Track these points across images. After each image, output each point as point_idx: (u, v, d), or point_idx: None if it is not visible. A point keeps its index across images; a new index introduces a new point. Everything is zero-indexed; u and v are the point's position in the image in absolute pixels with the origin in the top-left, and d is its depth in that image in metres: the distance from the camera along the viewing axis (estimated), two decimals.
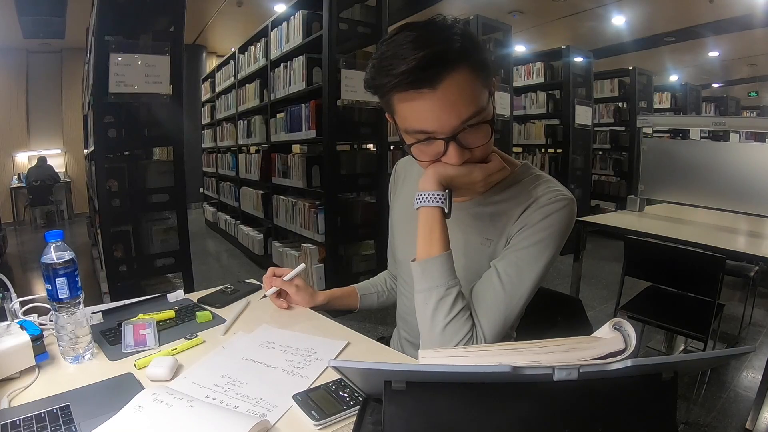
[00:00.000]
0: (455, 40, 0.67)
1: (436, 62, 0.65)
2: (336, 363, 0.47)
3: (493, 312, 0.77)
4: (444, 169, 0.75)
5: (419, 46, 0.65)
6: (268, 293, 1.04)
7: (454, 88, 0.67)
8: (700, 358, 0.49)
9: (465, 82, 0.68)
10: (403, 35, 0.68)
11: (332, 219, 3.09)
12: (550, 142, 5.03)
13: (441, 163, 0.75)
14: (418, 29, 0.68)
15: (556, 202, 0.79)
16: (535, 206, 0.79)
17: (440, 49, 0.66)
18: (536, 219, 0.78)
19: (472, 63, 0.68)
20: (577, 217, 0.84)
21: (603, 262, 4.16)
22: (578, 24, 6.81)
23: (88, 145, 3.56)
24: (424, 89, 0.67)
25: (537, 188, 0.82)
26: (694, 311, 1.91)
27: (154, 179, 2.44)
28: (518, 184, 0.84)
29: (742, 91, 10.97)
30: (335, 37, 2.89)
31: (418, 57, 0.65)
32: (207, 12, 6.64)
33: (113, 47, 2.05)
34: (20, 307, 0.87)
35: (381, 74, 0.69)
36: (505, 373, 0.41)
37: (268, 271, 1.06)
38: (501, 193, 0.84)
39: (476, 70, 0.69)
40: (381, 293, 1.13)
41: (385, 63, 0.68)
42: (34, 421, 0.61)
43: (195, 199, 7.36)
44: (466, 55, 0.67)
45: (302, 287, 1.04)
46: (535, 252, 0.78)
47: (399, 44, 0.67)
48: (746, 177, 2.26)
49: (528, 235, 0.78)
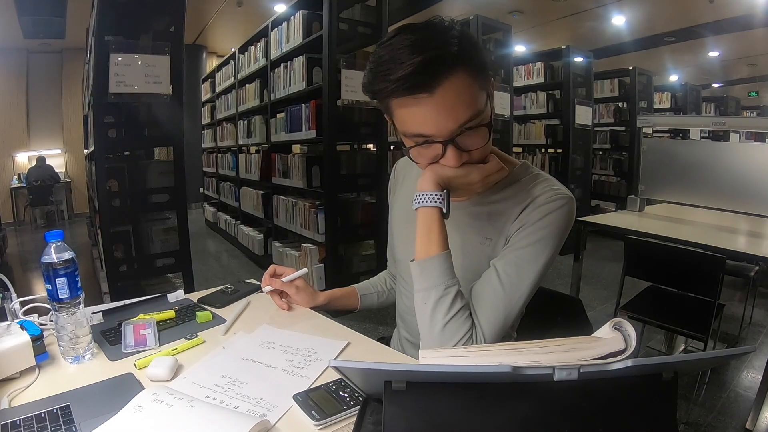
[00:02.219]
0: (452, 44, 0.67)
1: (433, 67, 0.65)
2: (336, 363, 0.47)
3: (493, 311, 0.77)
4: (442, 170, 0.75)
5: (416, 50, 0.65)
6: (264, 290, 1.05)
7: (451, 93, 0.67)
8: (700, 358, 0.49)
9: (462, 86, 0.68)
10: (400, 38, 0.67)
11: (332, 219, 3.09)
12: (550, 142, 5.03)
13: (439, 164, 0.75)
14: (415, 32, 0.68)
15: (555, 200, 0.79)
16: (534, 205, 0.80)
17: (437, 54, 0.65)
18: (535, 218, 0.79)
19: (469, 66, 0.68)
20: (577, 217, 0.84)
21: (603, 262, 4.16)
22: (578, 24, 6.81)
23: (88, 145, 3.56)
24: (421, 94, 0.67)
25: (536, 187, 0.82)
26: (694, 311, 1.91)
27: (154, 179, 2.44)
28: (517, 184, 0.84)
29: (742, 91, 10.97)
30: (335, 37, 2.89)
31: (415, 62, 0.65)
32: (207, 12, 6.64)
33: (113, 47, 2.05)
34: (20, 307, 0.87)
35: (378, 79, 0.69)
36: (506, 373, 0.41)
37: (270, 269, 1.06)
38: (500, 192, 0.84)
39: (474, 73, 0.69)
40: (381, 293, 1.13)
41: (383, 67, 0.68)
42: (34, 421, 0.61)
43: (195, 199, 7.36)
44: (464, 59, 0.67)
45: (302, 287, 1.04)
46: (535, 251, 0.78)
47: (396, 48, 0.67)
48: (746, 177, 2.26)
49: (527, 234, 0.79)
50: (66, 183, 7.75)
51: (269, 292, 1.05)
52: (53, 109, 7.59)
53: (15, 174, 7.46)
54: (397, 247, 1.01)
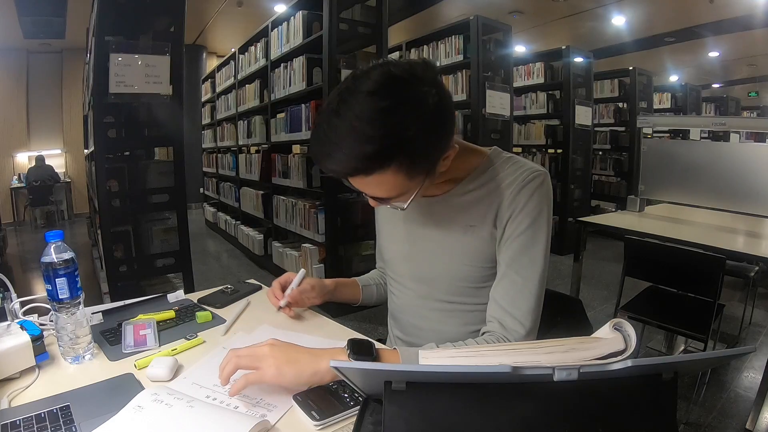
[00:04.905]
0: (408, 126, 0.65)
1: (373, 162, 0.66)
2: (336, 363, 0.47)
3: (523, 301, 0.80)
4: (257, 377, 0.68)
5: (363, 138, 0.64)
6: (282, 304, 0.98)
7: (383, 181, 0.69)
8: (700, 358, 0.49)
9: (394, 179, 0.70)
10: (329, 126, 0.66)
11: (332, 219, 3.09)
12: (550, 142, 5.02)
13: (256, 374, 0.68)
14: (384, 99, 0.65)
15: (534, 179, 0.82)
16: (516, 189, 0.82)
17: (380, 148, 0.65)
18: (522, 202, 0.81)
19: (410, 157, 0.68)
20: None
21: (603, 262, 4.16)
22: (578, 24, 6.81)
23: (88, 145, 3.56)
24: (357, 175, 0.69)
25: (511, 171, 0.84)
26: (694, 311, 1.91)
27: (154, 179, 2.44)
28: (491, 170, 0.86)
29: (742, 92, 10.97)
30: (335, 38, 2.89)
31: (357, 154, 0.65)
32: (207, 12, 6.64)
33: (113, 47, 2.06)
34: (20, 307, 0.87)
35: (318, 152, 0.69)
36: (506, 374, 0.41)
37: (274, 285, 1.01)
38: (475, 180, 0.86)
39: (410, 164, 0.68)
40: (380, 285, 1.12)
41: (326, 140, 0.67)
42: (34, 421, 0.61)
43: (195, 200, 7.36)
44: (407, 151, 0.67)
45: (313, 284, 1.01)
46: (534, 231, 0.81)
47: (321, 141, 0.67)
48: (746, 177, 2.26)
49: (521, 220, 0.81)
50: (66, 183, 7.74)
51: (285, 306, 0.99)
52: (53, 109, 7.59)
53: (15, 174, 7.45)
54: (385, 246, 1.02)
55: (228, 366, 0.68)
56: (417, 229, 0.92)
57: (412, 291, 0.94)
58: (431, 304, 0.92)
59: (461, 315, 0.90)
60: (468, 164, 0.86)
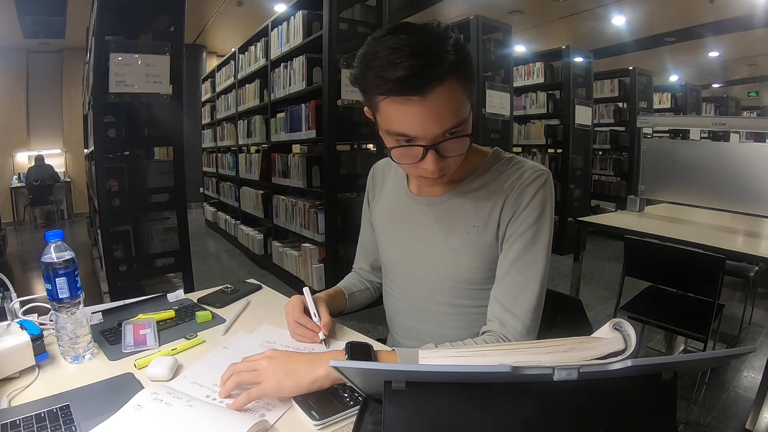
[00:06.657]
0: (449, 53, 0.68)
1: (429, 73, 0.66)
2: (336, 363, 0.47)
3: (524, 299, 0.80)
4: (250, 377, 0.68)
5: (414, 53, 0.66)
6: (322, 336, 0.86)
7: (441, 99, 0.68)
8: (700, 358, 0.49)
9: (452, 94, 0.69)
10: (398, 39, 0.68)
11: (332, 219, 3.09)
12: (550, 142, 5.02)
13: (256, 390, 0.66)
14: (413, 34, 0.68)
15: (537, 178, 0.82)
16: (519, 189, 0.82)
17: (433, 61, 0.67)
18: (525, 201, 0.81)
19: (461, 76, 0.70)
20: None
21: (603, 262, 4.16)
22: (578, 24, 6.81)
23: (88, 145, 3.56)
24: (413, 96, 0.67)
25: (513, 171, 0.85)
26: (694, 311, 1.91)
27: (154, 179, 2.44)
28: (493, 170, 0.87)
29: (742, 92, 10.97)
30: (335, 37, 2.89)
31: (412, 66, 0.66)
32: (207, 12, 6.64)
33: (113, 47, 2.05)
34: (20, 306, 0.87)
35: (371, 75, 0.69)
36: (505, 373, 0.41)
37: (293, 324, 0.88)
38: (477, 180, 0.86)
39: (464, 83, 0.71)
40: (362, 291, 1.09)
41: (377, 63, 0.68)
42: (34, 421, 0.61)
43: (195, 199, 7.36)
44: (457, 69, 0.69)
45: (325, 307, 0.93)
46: (536, 230, 0.81)
47: (393, 48, 0.67)
48: (746, 177, 2.26)
49: (524, 219, 0.81)
50: (66, 183, 7.75)
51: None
52: (53, 109, 7.59)
53: (15, 174, 7.46)
54: (385, 247, 0.99)
55: (229, 383, 0.68)
56: (418, 231, 0.90)
57: (413, 293, 0.93)
58: (433, 306, 0.90)
59: (464, 317, 0.88)
60: (469, 164, 0.86)
